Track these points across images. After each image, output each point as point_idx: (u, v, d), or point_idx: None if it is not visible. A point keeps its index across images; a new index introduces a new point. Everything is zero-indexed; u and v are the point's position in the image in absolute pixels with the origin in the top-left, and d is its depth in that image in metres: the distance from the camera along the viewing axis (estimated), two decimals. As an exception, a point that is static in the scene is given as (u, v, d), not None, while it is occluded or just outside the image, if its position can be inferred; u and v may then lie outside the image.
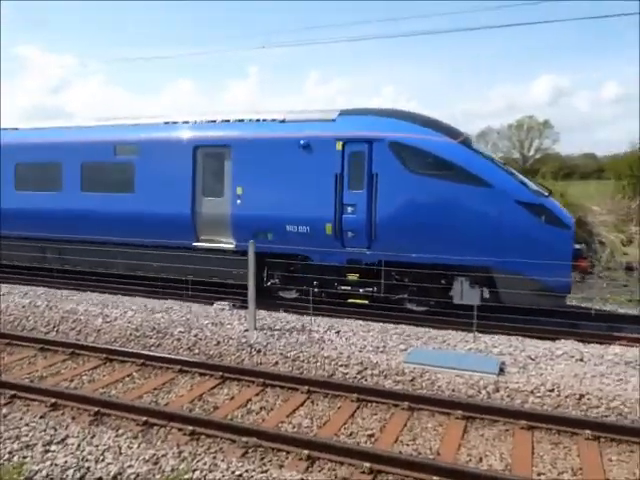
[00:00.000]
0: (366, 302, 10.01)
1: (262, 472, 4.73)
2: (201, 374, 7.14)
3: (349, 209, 9.92)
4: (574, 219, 9.83)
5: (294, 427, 5.79)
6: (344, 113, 10.57)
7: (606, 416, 5.87)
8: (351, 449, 5.10)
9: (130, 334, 8.52)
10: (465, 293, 9.16)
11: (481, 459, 5.16)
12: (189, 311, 9.58)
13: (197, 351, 7.94)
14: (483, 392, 6.46)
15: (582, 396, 6.19)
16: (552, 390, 6.33)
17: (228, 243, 10.94)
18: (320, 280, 10.26)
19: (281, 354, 7.58)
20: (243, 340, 8.01)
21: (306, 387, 6.57)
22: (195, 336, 8.26)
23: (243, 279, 9.56)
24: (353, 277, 10.21)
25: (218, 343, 8.03)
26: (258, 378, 6.84)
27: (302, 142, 10.20)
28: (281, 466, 4.96)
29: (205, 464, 4.83)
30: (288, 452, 5.15)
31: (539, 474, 4.91)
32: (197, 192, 11.10)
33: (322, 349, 7.70)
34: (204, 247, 11.11)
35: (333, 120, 10.41)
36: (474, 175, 9.29)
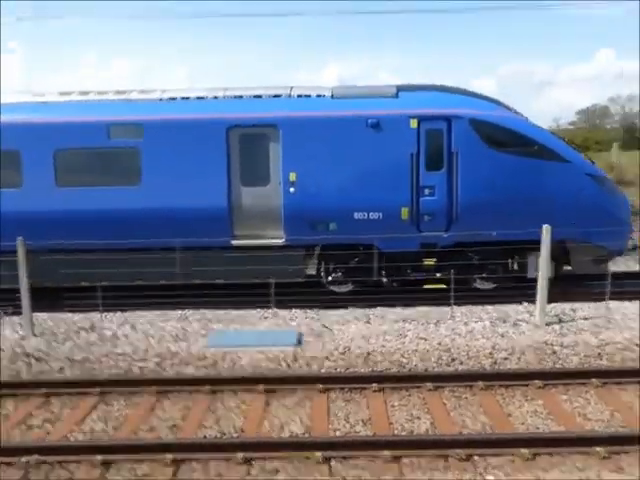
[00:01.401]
0: (444, 286, 9.36)
1: (47, 490, 4.22)
2: (-35, 397, 6.06)
3: (426, 191, 9.31)
4: None
5: (86, 434, 5.28)
6: (403, 89, 9.82)
7: (389, 369, 6.56)
8: (150, 444, 4.84)
9: None
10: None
11: (283, 427, 5.34)
12: (-55, 326, 8.06)
13: (-42, 371, 6.72)
14: (283, 364, 6.69)
15: (369, 354, 6.82)
16: (344, 353, 6.85)
17: (276, 238, 9.42)
18: (391, 268, 9.57)
19: (67, 358, 6.84)
20: (18, 350, 7.03)
21: (98, 389, 6.03)
22: (-46, 354, 6.98)
23: (294, 276, 9.36)
24: (430, 262, 9.61)
25: (-15, 358, 6.91)
26: (39, 389, 6.06)
27: (370, 121, 9.19)
28: (70, 479, 4.48)
29: (-27, 498, 4.12)
30: (79, 462, 4.67)
31: (335, 430, 5.27)
32: (233, 181, 9.35)
33: (116, 346, 7.16)
34: (245, 245, 9.36)
35: (395, 96, 9.61)
36: (553, 151, 9.34)
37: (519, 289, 8.66)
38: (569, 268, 9.85)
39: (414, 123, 9.25)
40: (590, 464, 4.53)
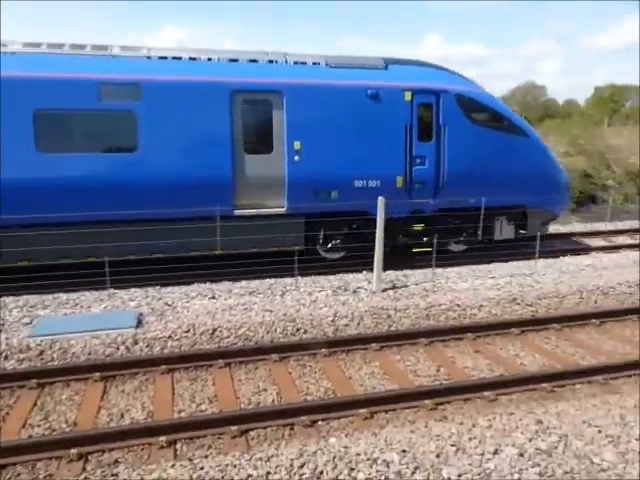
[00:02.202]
0: (430, 249, 9.49)
1: None
2: None
3: (418, 160, 9.83)
4: None
5: None
6: (390, 62, 10.04)
7: (235, 343, 6.50)
8: (-40, 453, 4.22)
9: None
10: (503, 229, 10.68)
11: (122, 415, 5.02)
12: None
13: None
14: (122, 348, 6.26)
15: (215, 330, 6.68)
16: (188, 331, 6.62)
17: (278, 206, 9.35)
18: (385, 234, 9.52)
19: None
20: None
21: None
22: None
23: (293, 244, 9.37)
24: (418, 227, 10.19)
25: None
26: None
27: (370, 91, 9.43)
28: None
29: None
30: None
31: (180, 412, 5.09)
32: (237, 148, 8.98)
33: None
34: (247, 214, 9.16)
35: (385, 69, 9.89)
36: (518, 126, 10.39)
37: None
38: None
39: (408, 96, 9.67)
40: (419, 416, 4.99)
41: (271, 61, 9.46)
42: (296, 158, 9.23)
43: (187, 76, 8.76)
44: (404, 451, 4.15)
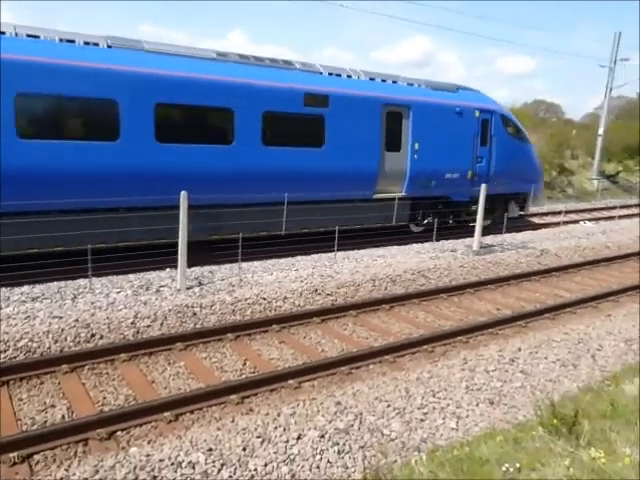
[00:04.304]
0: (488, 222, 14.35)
1: None
2: None
3: (479, 159, 13.99)
4: None
5: None
6: (458, 87, 14.11)
7: (14, 358, 5.66)
8: None
9: None
10: (513, 210, 15.30)
11: None
12: None
13: None
14: None
15: (-12, 344, 5.74)
16: (-49, 347, 5.57)
17: (399, 192, 12.80)
18: (455, 213, 14.26)
19: None
20: None
21: None
22: None
23: (402, 220, 13.22)
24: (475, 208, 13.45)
25: None
26: None
27: (458, 109, 13.38)
28: None
29: None
30: None
31: (-61, 445, 4.24)
32: (382, 147, 12.22)
33: None
34: (381, 197, 12.49)
35: (455, 92, 13.82)
36: (525, 136, 15.26)
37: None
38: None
39: (477, 113, 13.87)
40: (226, 412, 4.92)
41: (394, 81, 13.06)
42: (415, 156, 12.74)
43: (354, 91, 11.86)
44: (210, 450, 4.04)
